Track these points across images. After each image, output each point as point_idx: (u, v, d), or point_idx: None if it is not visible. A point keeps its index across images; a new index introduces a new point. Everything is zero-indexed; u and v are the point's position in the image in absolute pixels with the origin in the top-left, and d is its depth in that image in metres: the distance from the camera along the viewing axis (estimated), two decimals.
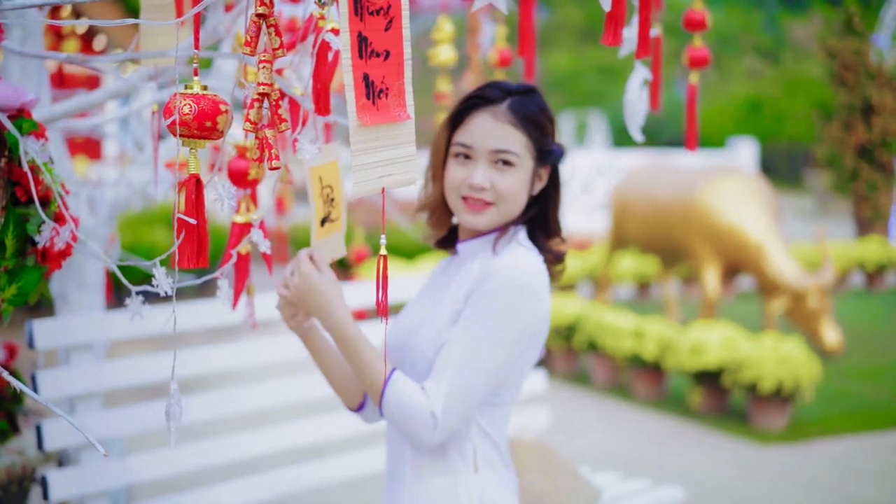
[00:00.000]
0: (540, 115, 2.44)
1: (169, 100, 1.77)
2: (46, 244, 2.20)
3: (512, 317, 2.33)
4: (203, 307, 3.45)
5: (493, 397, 2.42)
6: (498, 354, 2.33)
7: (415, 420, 2.32)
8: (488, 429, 2.44)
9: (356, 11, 1.70)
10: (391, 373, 2.36)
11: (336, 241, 2.49)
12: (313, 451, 4.11)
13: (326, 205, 2.45)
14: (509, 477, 2.48)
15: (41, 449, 3.12)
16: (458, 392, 2.31)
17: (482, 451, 2.44)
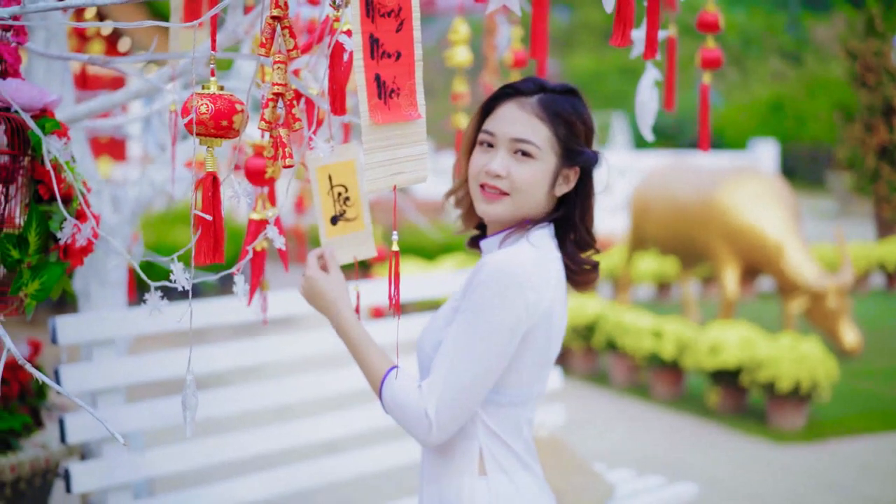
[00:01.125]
0: (570, 114, 2.40)
1: (186, 100, 1.82)
2: (68, 241, 2.25)
3: (497, 311, 2.27)
4: (222, 304, 3.51)
5: (497, 396, 2.37)
6: (487, 350, 2.28)
7: (410, 419, 2.31)
8: (497, 429, 2.39)
9: (368, 13, 1.75)
10: (388, 371, 2.36)
11: (360, 240, 2.53)
12: (330, 446, 4.16)
13: (338, 203, 2.50)
14: (526, 479, 2.41)
15: (64, 442, 3.18)
16: (449, 390, 2.28)
17: (490, 453, 2.40)
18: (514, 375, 2.35)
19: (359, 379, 3.90)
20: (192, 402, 1.91)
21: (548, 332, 2.34)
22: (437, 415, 2.28)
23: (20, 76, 2.35)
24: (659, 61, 2.84)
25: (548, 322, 2.34)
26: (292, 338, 3.75)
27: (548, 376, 2.43)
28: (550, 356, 2.39)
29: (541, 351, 2.36)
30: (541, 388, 2.41)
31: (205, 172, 1.90)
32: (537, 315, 2.31)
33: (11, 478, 3.48)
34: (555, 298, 2.34)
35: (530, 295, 2.28)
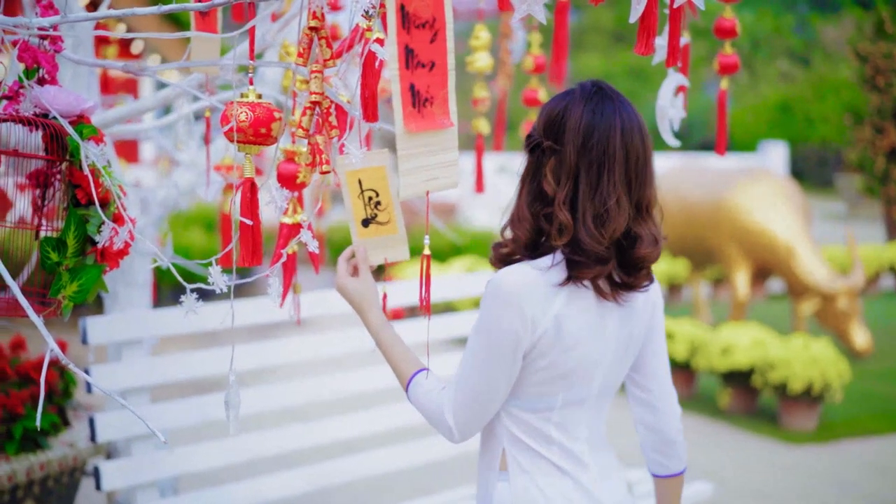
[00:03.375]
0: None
1: (226, 108, 1.88)
2: (106, 244, 2.30)
3: (494, 324, 2.28)
4: (247, 305, 3.56)
5: (517, 402, 2.40)
6: (488, 361, 2.30)
7: (434, 422, 2.41)
8: (519, 433, 2.42)
9: (403, 25, 1.81)
10: (414, 374, 2.44)
11: (392, 244, 2.58)
12: (348, 446, 4.20)
13: (368, 207, 2.55)
14: (556, 483, 2.41)
15: (94, 441, 3.24)
16: (460, 396, 2.34)
17: (512, 455, 2.43)
18: (529, 384, 2.36)
19: (376, 379, 3.96)
20: (235, 400, 1.98)
21: (559, 344, 2.31)
22: (454, 419, 2.35)
23: (57, 83, 2.40)
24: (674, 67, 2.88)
25: (557, 334, 2.30)
26: (311, 339, 3.80)
27: (581, 386, 2.38)
28: (570, 367, 2.34)
29: (555, 363, 2.33)
30: (572, 397, 2.38)
31: (243, 178, 1.95)
32: (542, 328, 2.28)
33: (40, 476, 3.55)
34: (563, 311, 2.29)
35: (528, 309, 2.27)
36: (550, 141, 2.29)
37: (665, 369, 2.54)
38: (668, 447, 2.54)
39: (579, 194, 2.25)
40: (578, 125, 2.26)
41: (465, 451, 4.16)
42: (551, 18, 3.17)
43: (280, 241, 2.54)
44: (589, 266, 2.25)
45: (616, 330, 2.38)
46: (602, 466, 2.47)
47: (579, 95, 2.30)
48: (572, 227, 2.24)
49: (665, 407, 2.53)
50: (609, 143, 2.25)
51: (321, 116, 1.94)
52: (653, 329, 2.49)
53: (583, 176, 2.25)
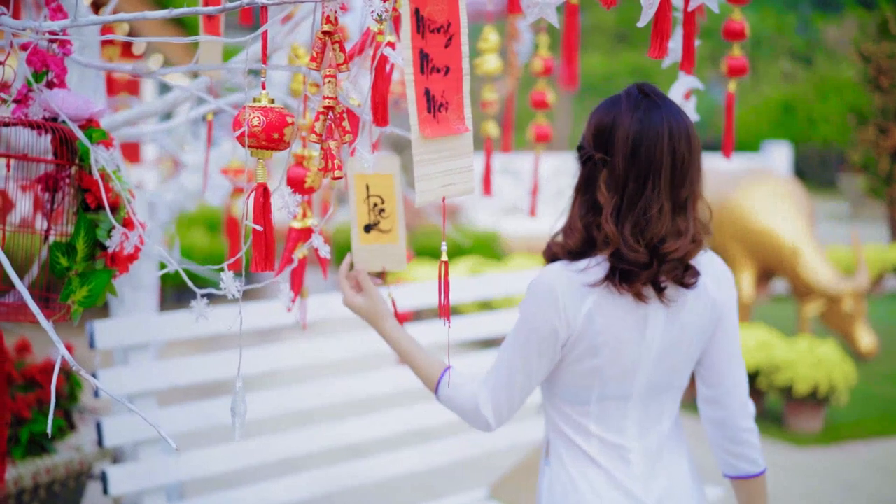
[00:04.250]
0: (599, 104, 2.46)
1: (238, 112, 1.86)
2: (116, 248, 2.29)
3: (527, 317, 2.40)
4: (253, 309, 3.55)
5: (556, 393, 2.49)
6: (522, 350, 2.41)
7: (468, 415, 2.49)
8: (560, 424, 2.50)
9: (418, 29, 1.79)
10: (441, 375, 2.53)
11: (390, 253, 2.57)
12: (354, 450, 4.19)
13: (372, 213, 2.54)
14: (588, 474, 2.47)
15: (101, 445, 3.23)
16: (497, 382, 2.45)
17: (554, 444, 2.53)
18: (565, 378, 2.44)
19: (383, 383, 3.94)
20: (241, 407, 1.96)
21: (591, 342, 2.36)
22: (491, 406, 2.45)
23: (66, 86, 2.39)
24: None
25: (590, 332, 2.35)
26: (318, 342, 3.78)
27: (618, 383, 2.42)
28: (600, 364, 2.39)
29: (583, 359, 2.39)
30: (609, 394, 2.43)
31: (255, 183, 1.93)
32: (577, 323, 2.35)
33: (46, 480, 3.53)
34: (595, 309, 2.35)
35: (562, 305, 2.34)
36: (601, 153, 2.33)
37: (732, 365, 2.51)
38: (736, 446, 2.52)
39: (624, 204, 2.30)
40: (627, 136, 2.29)
41: (473, 454, 4.15)
42: (560, 20, 3.15)
43: (289, 245, 2.52)
44: (637, 274, 2.30)
45: (660, 328, 2.40)
46: (652, 465, 2.49)
47: (626, 104, 2.33)
48: (618, 239, 2.28)
49: (731, 403, 2.51)
50: (656, 151, 2.28)
51: (334, 121, 1.92)
52: (719, 324, 2.48)
53: (630, 185, 2.29)
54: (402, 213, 2.54)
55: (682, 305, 2.40)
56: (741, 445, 2.51)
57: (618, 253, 2.29)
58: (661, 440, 2.52)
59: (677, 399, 2.55)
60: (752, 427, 2.52)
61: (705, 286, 2.43)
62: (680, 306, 2.39)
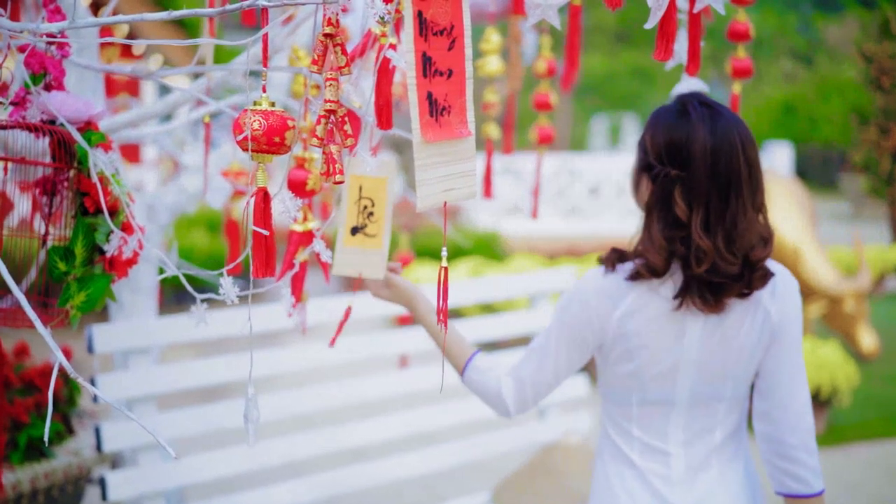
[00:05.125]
0: (651, 118, 2.45)
1: (238, 116, 1.83)
2: (114, 253, 2.27)
3: (557, 318, 2.49)
4: (253, 312, 3.51)
5: (604, 393, 2.57)
6: (547, 347, 2.50)
7: (490, 397, 2.57)
8: (608, 426, 2.57)
9: (421, 32, 1.76)
10: (472, 356, 2.60)
11: (371, 259, 2.54)
12: (357, 454, 4.17)
13: (361, 216, 2.52)
14: (621, 472, 2.52)
15: (100, 451, 3.20)
16: (519, 371, 2.54)
17: (601, 444, 2.61)
18: (609, 379, 2.52)
19: (386, 386, 3.92)
20: (253, 413, 1.94)
21: (626, 346, 2.42)
22: (508, 393, 2.53)
23: (64, 89, 2.37)
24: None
25: (623, 337, 2.41)
26: (318, 346, 3.75)
27: (658, 389, 2.44)
28: (637, 369, 2.43)
29: (625, 363, 2.45)
30: (649, 398, 2.46)
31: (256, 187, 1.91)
32: (611, 328, 2.41)
33: (45, 485, 3.50)
34: (628, 314, 2.38)
35: (596, 306, 2.42)
36: (676, 169, 2.32)
37: (788, 380, 2.45)
38: (784, 462, 2.44)
39: (711, 217, 2.30)
40: (705, 150, 2.30)
41: (476, 458, 4.12)
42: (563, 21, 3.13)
43: (290, 248, 2.50)
44: (730, 286, 2.32)
45: (697, 333, 2.40)
46: (694, 474, 2.48)
47: (696, 117, 2.33)
48: (713, 253, 2.28)
49: (782, 418, 2.44)
50: (733, 161, 2.29)
51: (335, 125, 1.89)
52: (776, 337, 2.44)
53: (714, 198, 2.29)
54: (389, 220, 2.51)
55: (726, 312, 2.38)
56: (790, 462, 2.43)
57: (713, 266, 2.29)
58: (711, 451, 2.50)
59: (735, 411, 2.51)
60: (803, 445, 2.43)
61: (759, 299, 2.40)
62: (724, 313, 2.38)
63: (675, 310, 2.36)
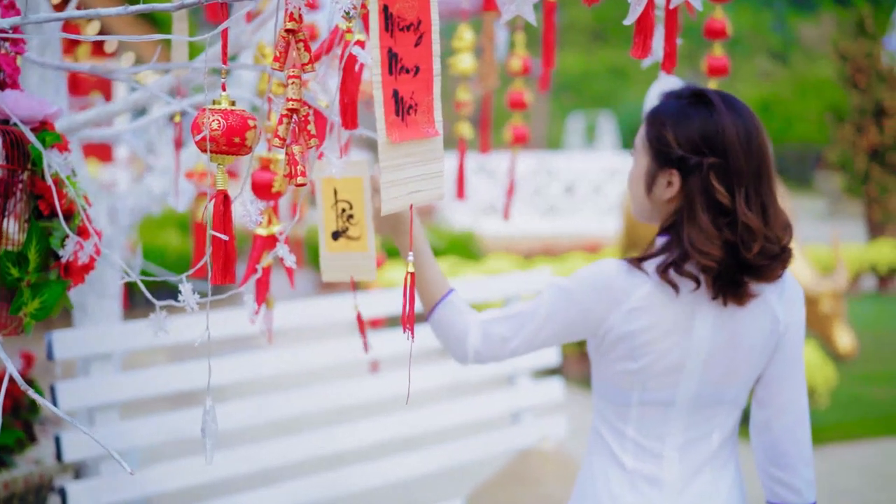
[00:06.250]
0: (663, 115, 2.40)
1: (197, 116, 1.75)
2: (70, 258, 2.18)
3: (563, 288, 2.39)
4: (221, 317, 3.43)
5: (600, 390, 2.48)
6: (540, 309, 2.41)
7: (452, 338, 2.48)
8: (600, 427, 2.49)
9: (387, 27, 1.68)
10: (448, 293, 2.51)
11: (359, 262, 2.45)
12: (333, 460, 4.10)
13: (340, 219, 2.43)
14: (607, 470, 2.45)
15: (60, 460, 3.11)
16: (500, 324, 2.45)
17: (591, 443, 2.53)
18: (609, 376, 2.43)
19: (357, 392, 3.85)
20: (212, 427, 1.85)
21: (631, 344, 2.35)
22: (475, 339, 2.45)
23: (19, 87, 2.28)
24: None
25: (630, 335, 2.34)
26: (291, 350, 3.68)
27: (659, 389, 2.39)
28: (640, 367, 2.36)
29: (626, 362, 2.38)
30: (649, 398, 2.39)
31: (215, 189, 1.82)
32: (616, 324, 2.35)
33: (5, 495, 3.41)
34: (638, 309, 2.33)
35: (605, 297, 2.35)
36: (714, 156, 2.31)
37: (788, 388, 2.42)
38: (784, 473, 2.42)
39: (751, 199, 2.29)
40: (738, 134, 2.31)
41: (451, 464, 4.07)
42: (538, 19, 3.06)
43: (254, 253, 2.41)
44: (773, 267, 2.30)
45: (708, 332, 2.35)
46: (687, 479, 2.43)
47: (721, 107, 2.34)
48: (762, 230, 2.28)
49: (785, 428, 2.41)
50: (762, 143, 2.32)
51: (298, 125, 1.81)
52: (780, 343, 2.41)
53: (751, 181, 2.30)
54: (370, 220, 2.42)
55: (733, 311, 2.35)
56: (786, 473, 2.41)
57: (762, 249, 2.28)
58: (706, 457, 2.45)
59: (731, 417, 2.47)
60: (801, 455, 2.41)
61: (768, 300, 2.37)
62: (731, 312, 2.35)
63: (691, 300, 2.33)
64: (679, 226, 2.34)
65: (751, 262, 2.27)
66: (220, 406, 3.49)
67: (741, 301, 2.31)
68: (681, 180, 2.34)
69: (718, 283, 2.29)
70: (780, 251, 2.30)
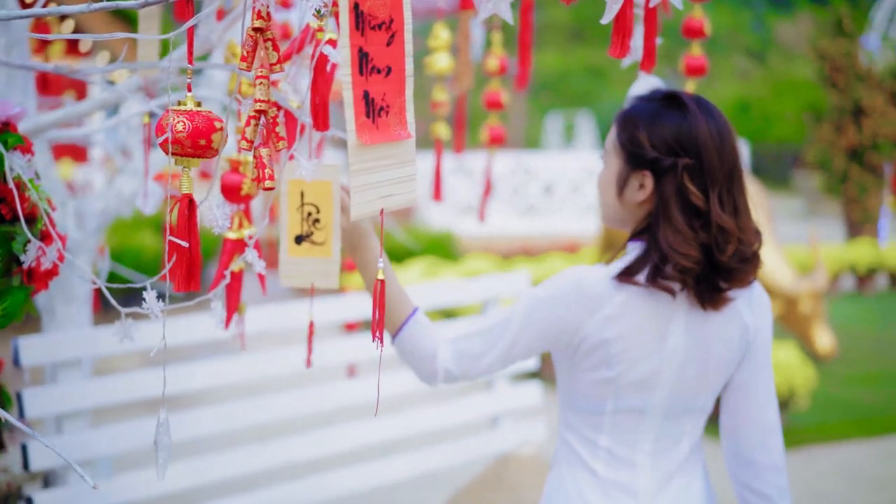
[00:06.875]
0: (635, 117, 2.36)
1: (161, 117, 1.69)
2: (32, 264, 2.12)
3: (537, 298, 2.33)
4: (195, 321, 3.37)
5: (570, 400, 2.43)
6: (512, 325, 2.35)
7: (420, 359, 2.41)
8: (570, 437, 2.45)
9: (357, 26, 1.62)
10: (414, 311, 2.42)
11: (322, 268, 2.36)
12: (310, 466, 4.05)
13: (305, 223, 2.35)
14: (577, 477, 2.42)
15: (27, 469, 3.04)
16: (469, 343, 2.38)
17: (559, 454, 2.49)
18: (581, 387, 2.38)
19: (338, 396, 3.79)
20: (164, 441, 1.78)
21: (606, 353, 2.30)
22: (445, 359, 2.38)
23: None
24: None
25: (604, 344, 2.29)
26: (268, 354, 3.62)
27: (634, 396, 2.35)
28: (616, 374, 2.32)
29: (601, 371, 2.33)
30: (624, 406, 2.35)
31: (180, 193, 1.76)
32: (590, 332, 2.30)
33: None
34: (613, 316, 2.28)
35: (584, 304, 2.29)
36: (687, 157, 2.29)
37: (757, 394, 2.41)
38: (757, 482, 2.41)
39: (724, 200, 2.28)
40: (711, 135, 2.29)
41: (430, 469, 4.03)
42: (515, 18, 3.01)
43: (223, 258, 2.34)
44: (746, 270, 2.28)
45: (681, 339, 2.33)
46: (660, 487, 2.41)
47: (692, 108, 2.33)
48: (736, 231, 2.26)
49: (754, 436, 2.40)
50: (735, 146, 2.32)
51: (267, 127, 1.75)
52: (749, 351, 2.40)
53: (723, 182, 2.28)
54: (338, 227, 2.34)
55: (705, 318, 2.33)
56: (758, 481, 2.40)
57: (737, 250, 2.26)
58: (677, 463, 2.43)
59: (699, 424, 2.45)
60: (772, 464, 2.41)
61: (738, 307, 2.36)
62: (703, 319, 2.33)
63: (667, 307, 2.30)
64: (654, 229, 2.30)
65: (725, 265, 2.25)
66: (195, 412, 3.44)
67: (718, 306, 2.29)
68: (654, 182, 2.31)
69: (697, 287, 2.27)
70: (751, 255, 2.29)
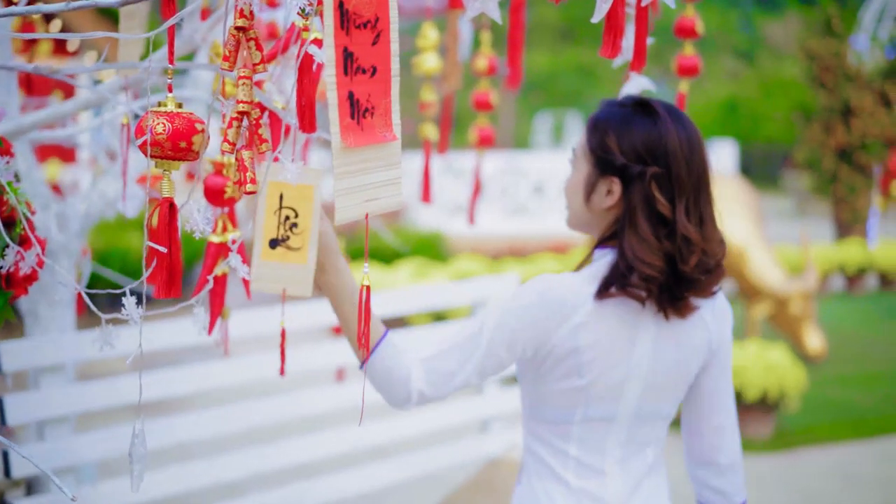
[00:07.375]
0: (604, 123, 2.34)
1: (141, 118, 1.64)
2: (11, 269, 2.07)
3: (504, 312, 2.30)
4: (180, 325, 3.32)
5: (536, 411, 2.40)
6: (480, 341, 2.31)
7: (393, 382, 2.33)
8: (538, 448, 2.42)
9: (342, 25, 1.58)
10: (385, 333, 2.34)
11: (295, 275, 2.30)
12: (297, 471, 4.01)
13: (282, 227, 2.30)
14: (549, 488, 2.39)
15: (8, 477, 2.99)
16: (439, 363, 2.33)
17: (527, 466, 2.46)
18: (549, 397, 2.35)
19: (326, 401, 3.75)
20: (140, 452, 1.73)
21: (577, 361, 2.28)
22: (419, 381, 2.31)
23: None
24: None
25: (575, 352, 2.27)
26: (255, 359, 3.57)
27: (604, 404, 2.34)
28: (588, 382, 2.30)
29: (571, 379, 2.30)
30: (594, 414, 2.34)
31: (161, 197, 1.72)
32: (560, 341, 2.28)
33: None
34: (582, 325, 2.26)
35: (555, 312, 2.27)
36: (656, 165, 2.27)
37: (721, 400, 2.46)
38: (718, 481, 2.51)
39: (691, 210, 2.26)
40: (681, 143, 2.27)
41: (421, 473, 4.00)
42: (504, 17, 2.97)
43: (207, 261, 2.29)
44: (709, 281, 2.28)
45: (649, 347, 2.33)
46: (629, 493, 2.41)
47: (663, 115, 2.30)
48: (701, 242, 2.25)
49: (717, 440, 2.47)
50: (704, 157, 2.30)
51: (249, 129, 1.70)
52: (713, 358, 2.42)
53: (691, 192, 2.26)
54: (315, 233, 2.28)
55: (671, 326, 2.33)
56: (719, 480, 2.50)
57: (700, 261, 2.25)
58: (644, 471, 2.44)
59: (664, 430, 2.47)
60: (732, 464, 2.49)
61: (703, 316, 2.37)
62: (669, 326, 2.33)
63: (635, 314, 2.29)
64: (619, 236, 2.29)
65: (688, 276, 2.25)
66: (181, 417, 3.39)
67: (683, 314, 2.29)
68: (622, 189, 2.30)
69: (661, 296, 2.26)
70: (714, 266, 2.29)
